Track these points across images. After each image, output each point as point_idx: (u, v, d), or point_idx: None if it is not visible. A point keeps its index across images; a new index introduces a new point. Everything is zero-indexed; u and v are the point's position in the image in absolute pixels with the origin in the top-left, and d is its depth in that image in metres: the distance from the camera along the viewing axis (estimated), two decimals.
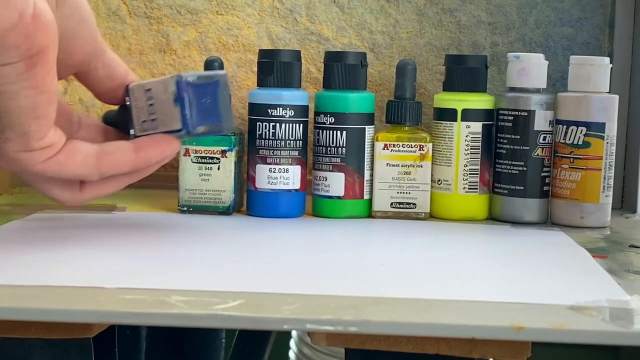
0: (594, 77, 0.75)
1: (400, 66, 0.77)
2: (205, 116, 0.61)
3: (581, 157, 0.75)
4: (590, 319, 0.46)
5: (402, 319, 0.45)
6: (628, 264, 0.61)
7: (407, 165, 0.76)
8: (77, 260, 0.56)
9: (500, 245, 0.69)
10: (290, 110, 0.74)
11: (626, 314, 0.47)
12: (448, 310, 0.47)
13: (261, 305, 0.47)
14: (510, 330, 0.44)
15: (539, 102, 0.75)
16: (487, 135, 0.77)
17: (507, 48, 0.89)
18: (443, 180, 0.77)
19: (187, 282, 0.51)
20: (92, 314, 0.46)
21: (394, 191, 0.76)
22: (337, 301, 0.48)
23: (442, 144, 0.77)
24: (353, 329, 0.45)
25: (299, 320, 0.45)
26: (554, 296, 0.51)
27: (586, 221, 0.75)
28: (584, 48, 0.89)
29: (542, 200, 0.76)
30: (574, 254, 0.64)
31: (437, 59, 0.89)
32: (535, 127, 0.75)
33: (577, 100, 0.75)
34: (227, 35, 0.89)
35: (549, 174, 0.76)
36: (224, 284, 0.52)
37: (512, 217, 0.76)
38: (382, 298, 0.49)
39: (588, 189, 0.75)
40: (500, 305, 0.49)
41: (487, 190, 0.77)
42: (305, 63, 0.88)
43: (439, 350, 0.49)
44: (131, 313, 0.46)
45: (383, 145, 0.76)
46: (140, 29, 0.90)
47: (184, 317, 0.46)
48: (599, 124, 0.74)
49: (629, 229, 0.77)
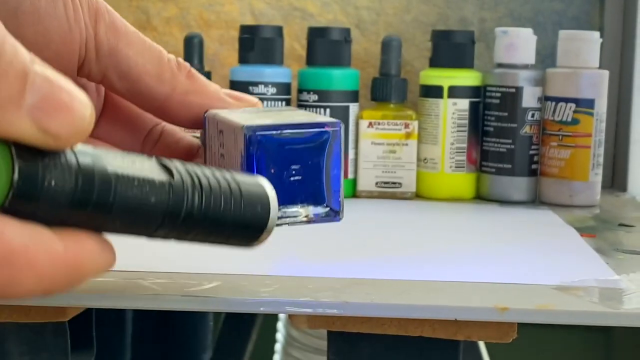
0: (584, 52, 0.73)
1: (386, 42, 0.76)
2: (294, 194, 0.39)
3: (570, 134, 0.73)
4: (577, 299, 0.45)
5: (382, 300, 0.44)
6: (617, 243, 0.59)
7: (393, 143, 0.74)
8: None
9: (487, 225, 0.67)
10: (272, 88, 0.72)
11: (614, 294, 0.46)
12: (431, 292, 0.46)
13: (238, 287, 0.46)
14: (494, 311, 0.43)
15: (527, 78, 0.74)
16: (474, 113, 0.75)
17: (495, 23, 0.87)
18: (429, 158, 0.75)
19: (162, 264, 0.50)
20: (63, 297, 0.45)
21: (379, 170, 0.74)
22: (316, 283, 0.47)
23: (428, 122, 0.75)
24: (333, 311, 0.44)
25: (277, 303, 0.44)
26: (540, 276, 0.49)
27: (575, 200, 0.73)
28: (574, 23, 0.87)
29: (530, 179, 0.75)
30: (562, 233, 0.63)
31: (424, 35, 0.87)
32: (524, 104, 0.74)
33: (566, 76, 0.73)
34: (209, 11, 0.87)
35: (537, 151, 0.75)
36: (200, 265, 0.50)
37: (500, 196, 0.75)
38: (363, 279, 0.48)
39: (577, 166, 0.73)
40: (485, 286, 0.47)
41: (474, 168, 0.76)
42: (289, 40, 0.86)
43: (422, 332, 0.47)
44: (103, 296, 0.45)
45: (368, 123, 0.74)
46: (119, 5, 0.87)
47: (158, 299, 0.44)
48: (588, 100, 0.73)
49: (618, 207, 0.76)
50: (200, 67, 0.76)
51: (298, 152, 0.37)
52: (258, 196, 0.34)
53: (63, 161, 0.28)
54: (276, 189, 0.36)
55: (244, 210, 0.33)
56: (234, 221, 0.33)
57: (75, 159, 0.28)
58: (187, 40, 0.74)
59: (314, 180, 0.38)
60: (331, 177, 0.39)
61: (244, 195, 0.33)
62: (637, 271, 0.51)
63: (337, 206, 0.40)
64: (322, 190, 0.39)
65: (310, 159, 0.38)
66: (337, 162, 0.38)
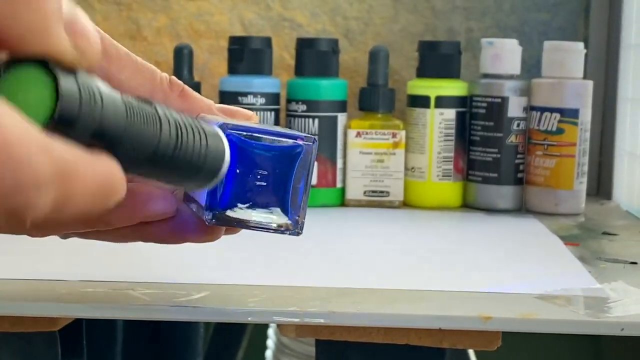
0: (568, 62, 0.74)
1: (373, 52, 0.76)
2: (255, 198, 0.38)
3: (555, 144, 0.74)
4: (560, 309, 0.45)
5: (368, 309, 0.45)
6: (600, 251, 0.60)
7: (380, 152, 0.75)
8: (39, 252, 0.55)
9: (472, 234, 0.68)
10: (261, 98, 0.73)
11: (596, 302, 0.47)
12: (416, 301, 0.47)
13: (226, 297, 0.46)
14: (477, 321, 0.44)
15: (512, 88, 0.75)
16: (461, 122, 0.76)
17: (482, 34, 0.88)
18: (417, 167, 0.76)
19: (151, 275, 0.50)
20: (53, 307, 0.45)
21: (367, 179, 0.75)
22: (303, 292, 0.47)
23: (416, 131, 0.76)
24: (320, 320, 0.44)
25: (265, 313, 0.45)
26: (524, 285, 0.50)
27: (560, 208, 0.74)
28: (559, 33, 0.88)
29: (516, 187, 0.76)
30: (546, 242, 0.63)
31: (411, 45, 0.88)
32: (509, 113, 0.75)
33: (551, 86, 0.74)
34: (199, 22, 0.88)
35: (523, 160, 0.76)
36: (189, 276, 0.51)
37: (486, 205, 0.76)
38: (349, 289, 0.48)
39: (562, 175, 0.74)
40: (469, 295, 0.48)
41: (460, 177, 0.77)
42: (278, 50, 0.87)
43: (409, 340, 0.48)
44: (93, 306, 0.45)
45: (356, 133, 0.75)
46: (109, 15, 0.88)
47: (147, 309, 0.45)
48: (573, 110, 0.74)
49: (603, 216, 0.77)
50: (189, 77, 0.77)
51: (266, 159, 0.37)
52: (218, 141, 0.35)
53: (91, 85, 0.29)
54: (240, 190, 0.37)
55: (207, 150, 0.34)
56: (197, 160, 0.34)
57: (97, 87, 0.30)
58: (176, 51, 0.75)
59: (278, 190, 0.38)
60: (298, 191, 0.38)
61: (208, 137, 0.35)
62: (619, 280, 0.51)
63: (296, 221, 0.39)
64: (285, 201, 0.38)
65: (278, 168, 0.38)
66: (305, 178, 0.38)
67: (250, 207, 0.38)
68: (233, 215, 0.38)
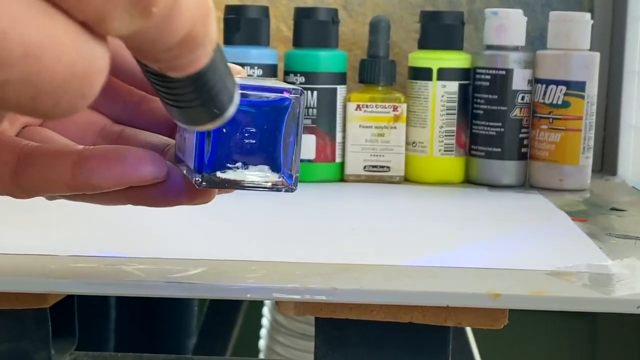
0: (574, 33, 0.72)
1: (374, 23, 0.74)
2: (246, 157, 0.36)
3: (560, 117, 0.72)
4: (570, 285, 0.44)
5: (372, 286, 0.43)
6: (609, 227, 0.58)
7: (381, 126, 0.73)
8: (27, 225, 0.53)
9: (476, 210, 0.66)
10: (258, 69, 0.71)
11: (607, 279, 0.45)
12: (421, 278, 0.45)
13: (224, 273, 0.44)
14: (486, 298, 0.42)
15: (517, 60, 0.72)
16: (464, 95, 0.74)
17: (484, 4, 0.85)
18: (418, 142, 0.74)
19: (145, 249, 0.49)
20: (43, 283, 0.43)
21: (367, 154, 0.73)
22: (304, 268, 0.45)
23: (417, 105, 0.74)
24: (321, 297, 0.42)
25: (264, 289, 0.43)
26: (532, 262, 0.48)
27: (565, 184, 0.73)
28: (563, 4, 0.86)
29: (520, 163, 0.74)
30: (553, 217, 0.62)
31: (412, 17, 0.86)
32: (514, 86, 0.72)
33: (557, 58, 0.72)
34: None
35: (527, 135, 0.74)
36: (185, 251, 0.49)
37: (489, 180, 0.74)
38: (352, 265, 0.47)
39: (568, 150, 0.72)
40: (476, 272, 0.46)
41: (463, 152, 0.75)
42: (275, 21, 0.84)
43: (412, 318, 0.46)
44: (85, 282, 0.43)
45: (356, 106, 0.73)
46: None
47: (141, 285, 0.43)
48: (579, 82, 0.72)
49: (609, 191, 0.75)
50: None
51: (254, 115, 0.35)
52: (233, 80, 0.31)
53: None
54: (228, 150, 0.35)
55: (227, 81, 0.30)
56: (217, 84, 0.29)
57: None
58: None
59: (269, 146, 0.35)
60: (289, 146, 0.36)
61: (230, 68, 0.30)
62: (631, 256, 0.50)
63: (290, 177, 0.36)
64: (277, 157, 0.36)
65: (267, 124, 0.35)
66: (295, 131, 0.36)
67: (241, 167, 0.36)
68: (224, 177, 0.35)
